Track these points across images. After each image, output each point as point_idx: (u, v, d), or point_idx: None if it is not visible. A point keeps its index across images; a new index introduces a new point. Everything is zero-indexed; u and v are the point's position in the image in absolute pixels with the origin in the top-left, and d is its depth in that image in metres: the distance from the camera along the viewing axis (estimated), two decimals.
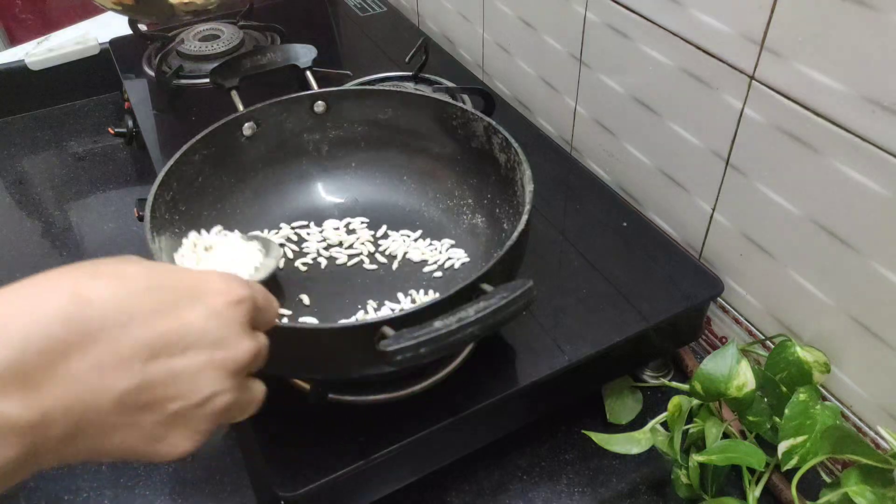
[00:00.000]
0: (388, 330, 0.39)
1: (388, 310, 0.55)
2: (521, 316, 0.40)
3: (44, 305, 0.26)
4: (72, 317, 0.26)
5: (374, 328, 0.40)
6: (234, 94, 0.64)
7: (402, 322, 0.39)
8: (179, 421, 0.29)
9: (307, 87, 0.66)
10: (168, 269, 0.32)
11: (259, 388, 0.34)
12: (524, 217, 0.48)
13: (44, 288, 0.27)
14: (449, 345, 0.37)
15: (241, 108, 0.61)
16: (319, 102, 0.63)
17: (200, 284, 0.31)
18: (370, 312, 0.55)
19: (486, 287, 0.42)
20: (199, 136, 0.57)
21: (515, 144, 0.54)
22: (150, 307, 0.28)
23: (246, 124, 0.61)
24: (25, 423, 0.25)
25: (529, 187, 0.51)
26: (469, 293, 0.42)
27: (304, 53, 0.69)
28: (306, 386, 0.51)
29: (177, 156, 0.54)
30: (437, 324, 0.37)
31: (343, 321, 0.54)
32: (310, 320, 0.54)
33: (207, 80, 0.81)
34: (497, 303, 0.38)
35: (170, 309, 0.29)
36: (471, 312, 0.38)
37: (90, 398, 0.26)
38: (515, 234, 0.47)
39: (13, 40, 1.64)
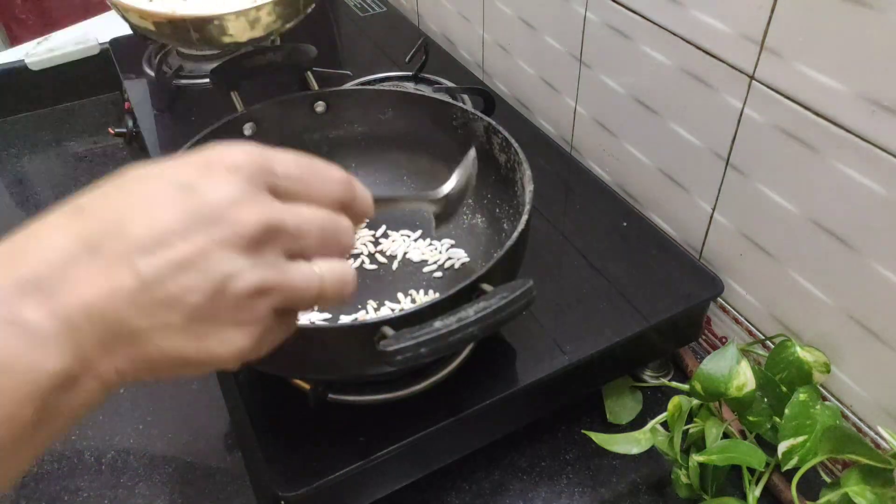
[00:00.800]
0: (388, 330, 0.39)
1: (388, 310, 0.55)
2: (521, 316, 0.40)
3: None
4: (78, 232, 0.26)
5: (374, 328, 0.40)
6: (234, 94, 0.64)
7: (402, 322, 0.39)
8: (211, 314, 0.27)
9: (307, 87, 0.66)
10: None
11: (301, 269, 0.30)
12: (524, 217, 0.48)
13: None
14: (449, 345, 0.37)
15: (241, 108, 0.61)
16: (319, 102, 0.63)
17: (191, 165, 0.29)
18: (370, 312, 0.55)
19: (486, 287, 0.42)
20: (198, 136, 0.57)
21: (515, 144, 0.54)
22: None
23: (246, 124, 0.61)
24: (50, 328, 0.25)
25: (529, 187, 0.51)
26: (469, 293, 0.42)
27: (303, 53, 0.69)
28: (306, 386, 0.51)
29: None
30: (437, 324, 0.37)
31: (343, 321, 0.54)
32: (310, 319, 0.54)
33: (207, 80, 0.81)
34: (497, 303, 0.38)
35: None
36: (471, 312, 0.38)
37: (103, 301, 0.26)
38: (515, 234, 0.47)
39: (13, 40, 1.64)
